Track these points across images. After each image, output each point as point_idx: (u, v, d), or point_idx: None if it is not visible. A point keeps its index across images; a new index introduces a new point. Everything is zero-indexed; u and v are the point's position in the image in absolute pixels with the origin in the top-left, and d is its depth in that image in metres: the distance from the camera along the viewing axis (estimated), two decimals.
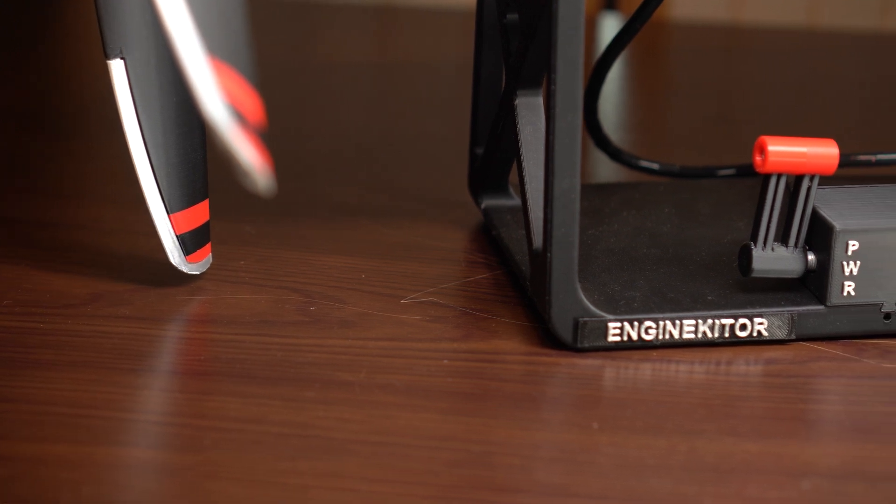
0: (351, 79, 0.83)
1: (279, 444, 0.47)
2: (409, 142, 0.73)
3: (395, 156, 0.71)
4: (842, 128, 0.78)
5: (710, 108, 0.81)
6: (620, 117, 0.80)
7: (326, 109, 0.78)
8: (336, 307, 0.55)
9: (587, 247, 0.57)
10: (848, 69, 0.89)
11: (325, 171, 0.69)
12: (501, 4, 0.57)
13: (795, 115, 0.80)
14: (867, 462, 0.47)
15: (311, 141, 0.73)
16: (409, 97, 0.81)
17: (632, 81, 0.88)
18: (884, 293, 0.54)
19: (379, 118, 0.78)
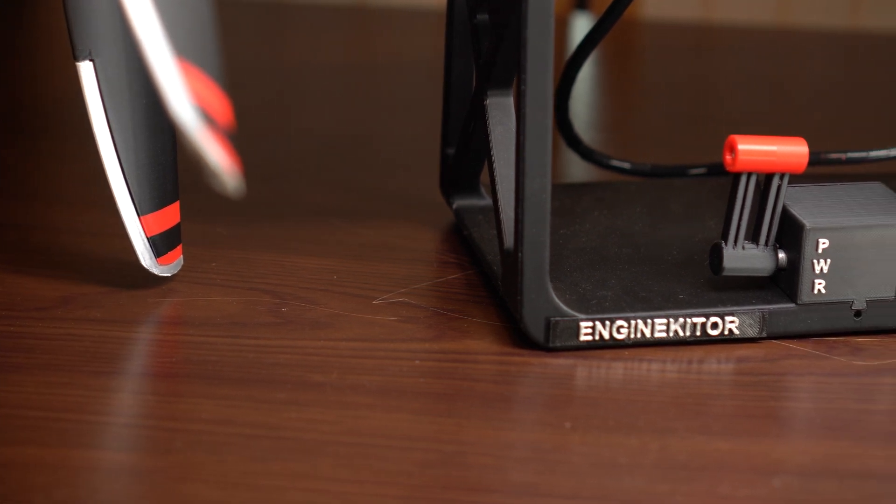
0: (322, 79, 0.83)
1: (251, 446, 0.47)
2: (380, 142, 0.73)
3: (367, 156, 0.71)
4: (812, 126, 0.78)
5: (681, 107, 0.81)
6: (592, 117, 0.81)
7: (297, 110, 0.78)
8: (308, 308, 0.55)
9: (559, 246, 0.57)
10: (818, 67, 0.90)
11: (296, 172, 0.69)
12: (472, 5, 0.57)
13: (766, 114, 0.81)
14: (838, 459, 0.47)
15: (282, 142, 0.73)
16: (381, 97, 0.81)
17: (603, 81, 0.88)
18: (854, 291, 0.54)
19: (350, 119, 0.77)
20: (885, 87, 0.86)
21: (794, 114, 0.81)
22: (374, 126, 0.76)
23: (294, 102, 0.79)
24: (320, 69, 0.84)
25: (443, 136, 0.62)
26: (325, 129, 0.75)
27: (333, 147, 0.72)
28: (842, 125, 0.79)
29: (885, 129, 0.78)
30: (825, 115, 0.81)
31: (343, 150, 0.72)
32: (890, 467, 0.47)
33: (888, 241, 0.53)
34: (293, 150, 0.72)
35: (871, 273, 0.54)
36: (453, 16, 0.60)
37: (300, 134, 0.74)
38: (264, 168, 0.69)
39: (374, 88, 0.83)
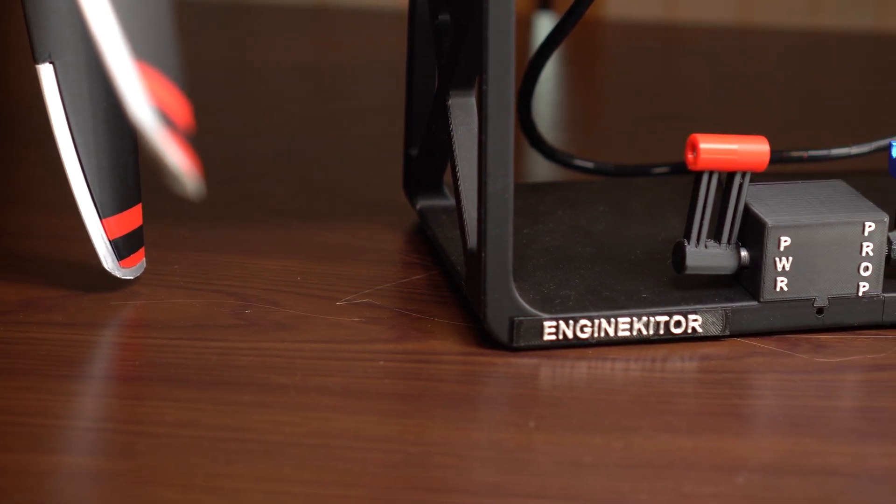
0: (285, 80, 0.82)
1: (214, 449, 0.47)
2: (343, 143, 0.73)
3: (330, 157, 0.71)
4: (775, 124, 0.78)
5: (644, 107, 0.82)
6: (555, 116, 0.81)
7: (261, 111, 0.78)
8: (271, 310, 0.55)
9: (522, 246, 0.57)
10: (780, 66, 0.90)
11: (259, 174, 0.68)
12: (433, 5, 0.57)
13: (729, 113, 0.81)
14: (801, 456, 0.48)
15: (245, 143, 0.73)
16: (343, 98, 0.81)
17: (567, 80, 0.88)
18: (816, 288, 0.54)
19: (313, 120, 0.77)
20: (846, 86, 0.87)
21: (756, 112, 0.81)
22: (337, 127, 0.76)
23: (256, 103, 0.79)
24: (283, 70, 0.84)
25: (406, 136, 0.62)
26: (287, 131, 0.75)
27: (296, 148, 0.72)
28: (804, 123, 0.79)
29: (846, 127, 0.78)
30: (787, 113, 0.81)
31: (306, 151, 0.72)
32: (852, 464, 0.47)
33: (849, 238, 0.54)
34: (256, 152, 0.71)
35: (832, 270, 0.54)
36: (415, 16, 0.60)
37: (263, 135, 0.74)
38: (227, 170, 0.68)
39: (337, 89, 0.82)
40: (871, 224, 0.54)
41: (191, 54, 0.83)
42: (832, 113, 0.82)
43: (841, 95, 0.85)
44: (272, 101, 0.80)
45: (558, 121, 0.80)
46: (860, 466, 0.47)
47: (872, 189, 0.59)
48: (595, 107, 0.84)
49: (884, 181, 0.60)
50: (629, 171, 0.66)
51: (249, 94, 0.81)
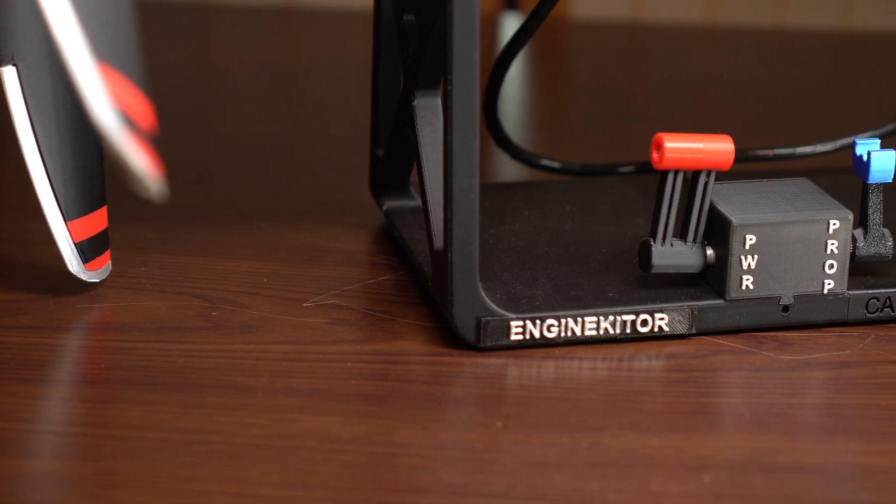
0: (250, 81, 0.82)
1: (181, 451, 0.47)
2: (310, 144, 0.73)
3: (296, 159, 0.71)
4: (740, 123, 0.78)
5: (610, 106, 0.82)
6: (522, 116, 0.81)
7: (226, 113, 0.78)
8: (238, 312, 0.55)
9: (489, 246, 0.58)
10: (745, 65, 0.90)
11: (225, 176, 0.68)
12: (398, 6, 0.57)
13: (695, 112, 0.81)
14: (767, 453, 0.48)
15: (211, 145, 0.73)
16: (310, 99, 0.81)
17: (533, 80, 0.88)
18: (781, 286, 0.54)
19: (279, 121, 0.77)
20: (811, 84, 0.87)
21: (722, 111, 0.81)
22: (303, 128, 0.76)
23: (222, 105, 0.79)
24: (248, 71, 0.84)
25: (372, 137, 0.62)
26: (253, 132, 0.74)
27: (262, 150, 0.72)
28: (769, 122, 0.80)
29: (811, 125, 0.79)
30: (753, 112, 0.81)
31: (272, 152, 0.72)
32: (818, 461, 0.48)
33: (814, 236, 0.54)
34: (222, 153, 0.71)
35: (798, 268, 0.54)
36: (380, 17, 0.60)
37: (228, 137, 0.74)
38: (193, 172, 0.68)
39: (303, 90, 0.82)
40: (836, 222, 0.54)
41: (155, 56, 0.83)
42: (797, 111, 0.82)
43: (806, 94, 0.85)
44: (238, 103, 0.79)
45: (525, 120, 0.80)
46: (826, 463, 0.48)
47: (837, 187, 0.59)
48: (561, 106, 0.84)
49: (848, 179, 0.60)
50: (595, 170, 0.66)
51: (215, 96, 0.81)
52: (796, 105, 0.83)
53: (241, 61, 0.86)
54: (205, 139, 0.73)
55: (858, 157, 0.55)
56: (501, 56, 0.62)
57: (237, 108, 0.78)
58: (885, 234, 0.55)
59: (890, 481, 0.46)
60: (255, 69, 0.84)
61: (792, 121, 0.80)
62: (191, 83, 0.82)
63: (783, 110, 0.82)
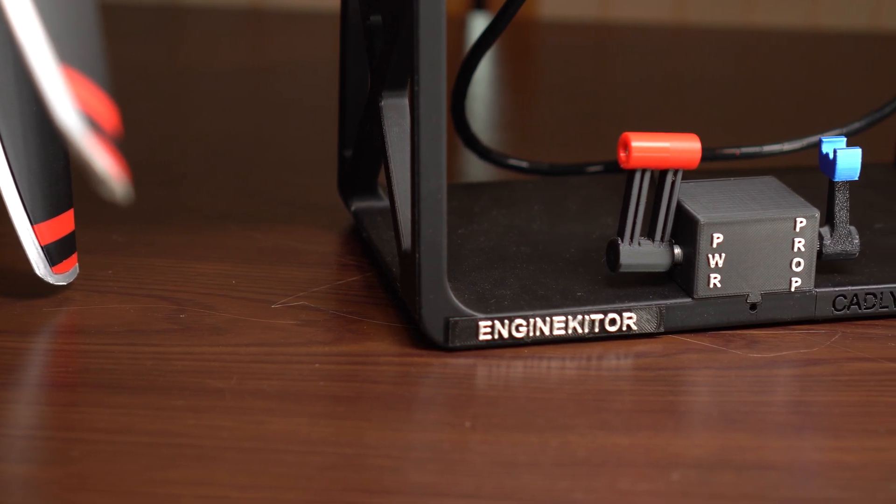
0: (218, 83, 0.82)
1: (149, 454, 0.47)
2: (278, 146, 0.73)
3: (265, 160, 0.71)
4: (709, 122, 0.79)
5: (579, 105, 0.82)
6: (490, 116, 0.81)
7: (194, 114, 0.78)
8: (206, 314, 0.55)
9: (457, 246, 0.58)
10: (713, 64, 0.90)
11: (193, 177, 0.68)
12: (364, 7, 0.57)
13: (664, 111, 0.81)
14: (735, 451, 0.48)
15: (179, 147, 0.72)
16: (278, 100, 0.81)
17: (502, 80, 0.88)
18: (749, 284, 0.54)
19: (248, 122, 0.77)
20: (778, 83, 0.87)
21: (690, 110, 0.81)
22: (271, 129, 0.76)
23: (190, 107, 0.79)
24: (216, 72, 0.83)
25: (340, 138, 0.62)
26: (221, 134, 0.74)
27: (230, 151, 0.72)
28: (737, 121, 0.80)
29: (779, 124, 0.79)
30: (721, 111, 0.82)
31: (240, 154, 0.72)
32: (786, 458, 0.48)
33: (781, 234, 0.54)
34: (190, 155, 0.71)
35: (765, 266, 0.54)
36: (347, 18, 0.60)
37: (196, 138, 0.73)
38: (161, 173, 0.68)
39: (271, 91, 0.82)
40: (803, 220, 0.54)
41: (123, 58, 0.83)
42: (766, 110, 0.82)
43: (774, 93, 0.85)
44: (206, 104, 0.79)
45: (493, 120, 0.80)
46: (794, 460, 0.48)
47: (804, 185, 0.59)
48: (530, 106, 0.84)
49: (815, 177, 0.61)
50: (564, 170, 0.66)
51: (183, 97, 0.81)
52: (765, 104, 0.83)
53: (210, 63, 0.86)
54: (173, 141, 0.73)
55: (825, 155, 0.55)
56: (469, 56, 0.62)
57: (205, 110, 0.78)
58: (852, 231, 0.55)
59: (857, 478, 0.47)
60: (223, 70, 0.84)
61: (760, 119, 0.80)
62: (159, 85, 0.82)
63: (752, 109, 0.82)
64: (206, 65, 0.85)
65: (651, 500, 0.45)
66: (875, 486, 0.46)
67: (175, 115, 0.77)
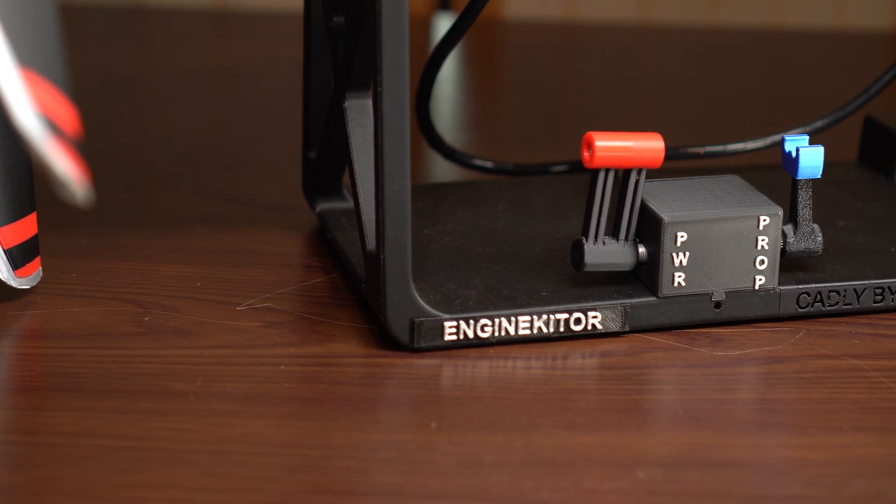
0: (183, 84, 0.82)
1: (114, 458, 0.47)
2: (243, 147, 0.73)
3: (230, 162, 0.71)
4: (674, 121, 0.79)
5: (544, 105, 0.82)
6: (455, 116, 0.81)
7: (159, 116, 0.77)
8: (171, 317, 0.55)
9: (422, 247, 0.58)
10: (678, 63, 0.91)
11: (158, 180, 0.68)
12: (327, 8, 0.57)
13: (629, 111, 0.81)
14: (700, 449, 0.48)
15: (144, 149, 0.72)
16: (243, 102, 0.81)
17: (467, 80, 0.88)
18: (713, 283, 0.54)
19: (213, 124, 0.77)
20: (742, 82, 0.88)
21: (656, 109, 0.82)
22: (236, 131, 0.76)
23: (155, 109, 0.79)
24: (181, 74, 0.83)
25: (304, 139, 0.61)
26: (186, 135, 0.74)
27: (195, 153, 0.72)
28: (702, 120, 0.80)
29: (742, 122, 0.79)
30: (687, 110, 0.82)
31: (205, 155, 0.71)
32: (750, 455, 0.48)
33: (745, 232, 0.54)
34: (154, 157, 0.71)
35: (729, 264, 0.54)
36: (310, 19, 0.60)
37: (161, 140, 0.73)
38: (125, 176, 0.68)
39: (235, 93, 0.82)
40: (766, 218, 0.54)
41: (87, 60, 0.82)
42: (729, 109, 0.82)
43: (738, 91, 0.86)
44: (170, 106, 0.79)
45: (458, 121, 0.80)
46: (758, 458, 0.48)
47: (767, 183, 0.59)
48: (495, 106, 0.84)
49: (778, 175, 0.61)
50: (529, 169, 0.66)
51: (147, 99, 0.80)
52: (729, 103, 0.84)
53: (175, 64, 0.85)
54: (137, 143, 0.73)
55: (787, 153, 0.55)
56: (433, 57, 0.62)
57: (170, 112, 0.78)
58: (815, 229, 0.56)
59: (821, 475, 0.47)
60: (188, 72, 0.84)
61: (724, 118, 0.81)
62: (124, 87, 0.81)
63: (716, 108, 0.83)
64: (171, 66, 0.85)
65: (616, 499, 0.45)
66: (839, 482, 0.46)
67: (140, 117, 0.77)
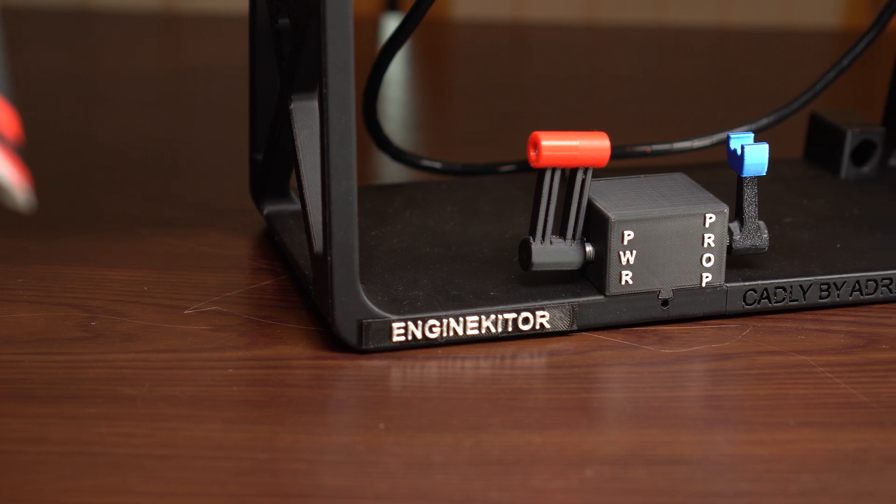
0: (129, 88, 0.82)
1: (61, 464, 0.46)
2: (191, 150, 0.73)
3: (177, 165, 0.71)
4: (622, 120, 0.79)
5: (493, 105, 0.82)
6: (404, 117, 0.81)
7: (106, 119, 0.77)
8: (118, 321, 0.55)
9: (370, 248, 0.57)
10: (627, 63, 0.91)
11: (105, 183, 0.68)
12: (272, 9, 0.57)
13: (577, 110, 0.82)
14: (648, 447, 0.48)
15: (91, 152, 0.72)
16: (191, 105, 0.80)
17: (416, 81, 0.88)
18: (660, 280, 0.55)
19: (160, 127, 0.77)
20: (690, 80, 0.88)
21: (604, 108, 0.82)
22: (183, 134, 0.76)
23: (102, 112, 0.78)
24: (127, 77, 0.83)
25: (251, 141, 0.61)
26: (132, 139, 0.74)
27: (142, 156, 0.71)
28: (649, 118, 0.81)
29: (689, 120, 0.80)
30: (633, 108, 0.82)
31: (152, 159, 0.71)
32: (698, 452, 0.48)
33: (691, 230, 0.54)
34: (101, 161, 0.70)
35: (676, 262, 0.55)
36: (256, 21, 0.59)
37: (107, 143, 0.73)
38: (72, 180, 0.68)
39: (183, 95, 0.82)
40: (712, 215, 0.55)
41: (33, 63, 0.82)
42: (677, 107, 0.83)
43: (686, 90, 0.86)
44: (117, 109, 0.79)
45: (407, 121, 0.80)
46: (706, 454, 0.48)
47: (713, 181, 0.60)
48: (444, 107, 0.84)
49: (724, 173, 0.61)
50: (477, 170, 0.66)
51: (94, 102, 0.80)
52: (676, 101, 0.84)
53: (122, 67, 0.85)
54: (85, 146, 0.72)
55: (732, 151, 0.56)
56: (379, 57, 0.62)
57: (117, 115, 0.78)
58: (761, 226, 0.56)
59: (768, 470, 0.47)
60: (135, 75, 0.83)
61: (672, 116, 0.81)
62: (70, 90, 0.81)
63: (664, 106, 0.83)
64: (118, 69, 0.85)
65: (565, 498, 0.46)
66: (786, 478, 0.47)
67: (87, 120, 0.77)
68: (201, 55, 0.88)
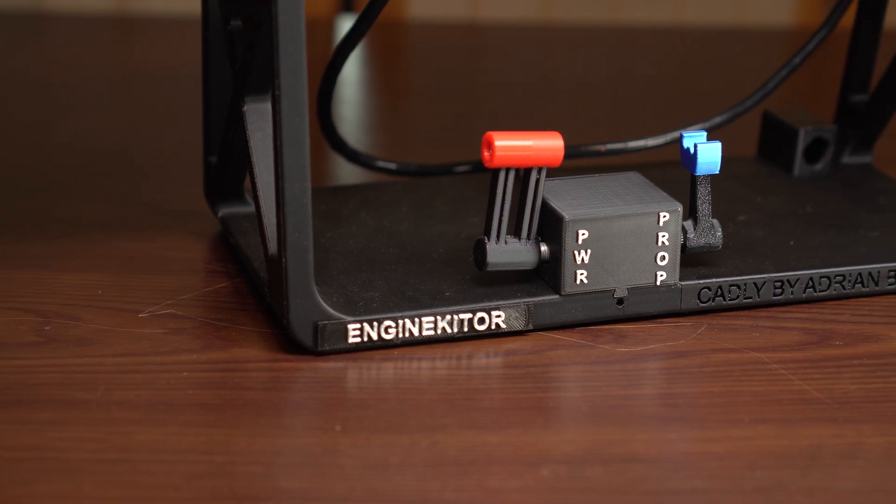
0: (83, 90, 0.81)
1: (14, 469, 0.46)
2: (143, 152, 0.72)
3: (130, 167, 0.70)
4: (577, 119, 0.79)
5: (448, 106, 0.82)
6: (359, 118, 0.81)
7: (59, 122, 0.76)
8: (72, 325, 0.54)
9: (325, 249, 0.57)
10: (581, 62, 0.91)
11: (58, 186, 0.67)
12: (225, 11, 0.56)
13: (533, 110, 0.82)
14: (604, 445, 0.48)
15: (43, 155, 0.71)
16: (144, 106, 0.80)
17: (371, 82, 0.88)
18: (615, 279, 0.55)
19: (112, 129, 0.76)
20: (644, 79, 0.88)
21: (559, 108, 0.82)
22: (137, 136, 0.75)
23: (56, 114, 0.78)
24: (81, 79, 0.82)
25: (205, 144, 0.61)
26: (86, 141, 0.73)
27: (96, 159, 0.71)
28: (604, 117, 0.81)
29: (644, 119, 0.80)
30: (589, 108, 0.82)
31: (105, 161, 0.71)
32: (654, 450, 0.48)
33: (645, 228, 0.55)
34: (54, 164, 0.70)
35: (630, 261, 0.55)
36: (209, 22, 0.59)
37: (61, 146, 0.73)
38: (25, 183, 0.67)
39: (136, 97, 0.81)
40: (666, 214, 0.55)
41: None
42: (632, 106, 0.83)
43: (640, 89, 0.86)
44: (71, 112, 0.78)
45: (362, 122, 0.80)
46: (661, 452, 0.48)
47: (667, 180, 0.60)
48: (399, 107, 0.84)
49: (678, 172, 0.61)
50: (432, 170, 0.66)
51: (47, 105, 0.79)
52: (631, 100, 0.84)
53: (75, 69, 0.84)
54: (37, 150, 0.72)
55: (686, 149, 0.56)
56: (333, 58, 0.62)
57: (71, 117, 0.77)
58: (715, 224, 0.56)
59: (722, 468, 0.47)
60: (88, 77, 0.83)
61: (627, 116, 0.81)
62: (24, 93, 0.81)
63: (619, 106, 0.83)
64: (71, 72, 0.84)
65: (521, 497, 0.46)
66: (741, 474, 0.47)
67: (40, 123, 0.76)
68: (155, 57, 0.88)
